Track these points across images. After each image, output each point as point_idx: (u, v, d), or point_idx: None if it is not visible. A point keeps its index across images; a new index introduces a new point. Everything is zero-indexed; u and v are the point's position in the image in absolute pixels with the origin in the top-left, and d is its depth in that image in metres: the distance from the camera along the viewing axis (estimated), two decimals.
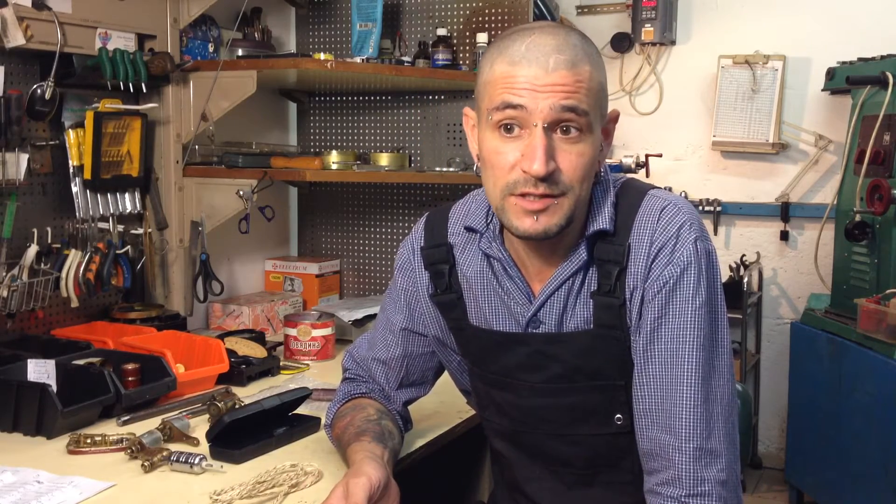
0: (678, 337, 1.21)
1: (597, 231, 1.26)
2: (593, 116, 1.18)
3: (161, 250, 2.39)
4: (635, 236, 1.25)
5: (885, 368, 2.55)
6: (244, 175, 2.37)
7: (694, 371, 1.20)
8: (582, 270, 1.28)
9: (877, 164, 2.71)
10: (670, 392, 1.20)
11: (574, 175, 1.18)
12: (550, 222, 1.19)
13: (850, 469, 2.76)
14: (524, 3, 2.68)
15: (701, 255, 1.23)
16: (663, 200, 1.26)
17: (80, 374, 1.75)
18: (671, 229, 1.23)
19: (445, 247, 1.39)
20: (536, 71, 1.15)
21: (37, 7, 1.97)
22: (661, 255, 1.22)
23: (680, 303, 1.21)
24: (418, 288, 1.44)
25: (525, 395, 1.32)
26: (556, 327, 1.29)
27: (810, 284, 3.49)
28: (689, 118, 3.72)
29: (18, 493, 1.34)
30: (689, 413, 1.19)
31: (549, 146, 1.16)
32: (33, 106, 2.02)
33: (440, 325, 1.44)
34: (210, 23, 2.59)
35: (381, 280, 2.95)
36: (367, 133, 2.95)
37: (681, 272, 1.21)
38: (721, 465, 1.19)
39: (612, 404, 1.28)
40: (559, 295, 1.29)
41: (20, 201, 2.04)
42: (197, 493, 1.37)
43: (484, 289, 1.35)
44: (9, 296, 1.96)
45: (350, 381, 1.52)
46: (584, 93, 1.16)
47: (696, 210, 1.27)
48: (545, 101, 1.15)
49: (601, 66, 1.22)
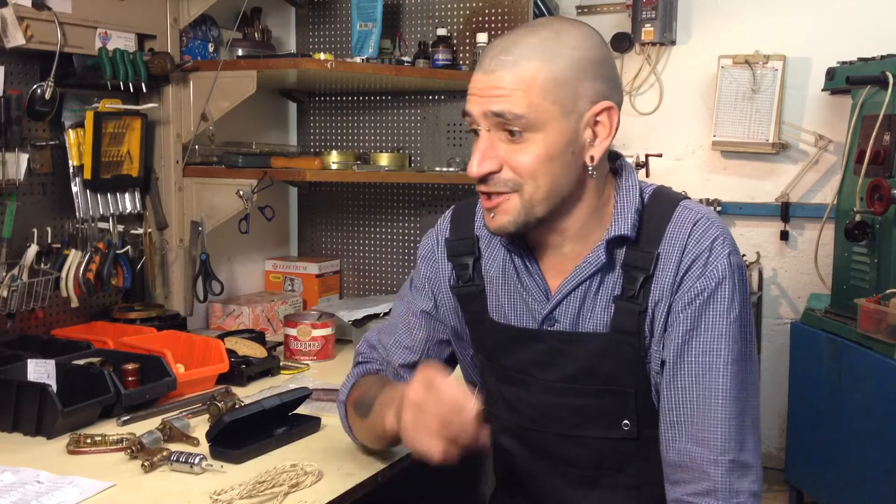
0: (712, 350, 1.23)
1: (617, 236, 1.28)
2: (537, 115, 1.19)
3: (161, 250, 2.39)
4: (666, 246, 1.26)
5: (885, 368, 2.54)
6: (244, 175, 2.37)
7: (728, 385, 1.22)
8: (601, 273, 1.29)
9: (877, 164, 2.71)
10: (703, 405, 1.22)
11: (520, 172, 1.22)
12: (504, 219, 1.25)
13: (850, 469, 2.75)
14: (524, 3, 2.68)
15: (734, 269, 1.25)
16: (696, 213, 1.28)
17: (80, 374, 1.75)
18: (705, 242, 1.25)
19: (472, 239, 1.43)
20: (481, 75, 1.23)
21: (37, 7, 1.97)
22: (693, 268, 1.24)
23: (714, 316, 1.23)
24: (440, 278, 1.46)
25: (536, 392, 1.33)
26: (571, 326, 1.31)
27: (810, 284, 3.49)
28: (689, 118, 3.72)
29: (18, 493, 1.34)
30: (724, 426, 1.21)
31: (490, 148, 1.22)
32: (33, 106, 2.02)
33: (459, 317, 1.46)
34: (210, 23, 2.59)
35: (381, 280, 2.95)
36: (367, 133, 2.95)
37: (715, 286, 1.23)
38: (753, 476, 1.22)
39: (622, 410, 1.29)
40: (576, 295, 1.30)
41: (20, 201, 2.04)
42: (197, 493, 1.37)
43: (505, 283, 1.38)
44: (9, 296, 1.96)
45: (363, 364, 1.53)
46: (520, 94, 1.19)
47: (725, 224, 1.30)
48: (481, 106, 1.22)
49: (568, 60, 1.21)
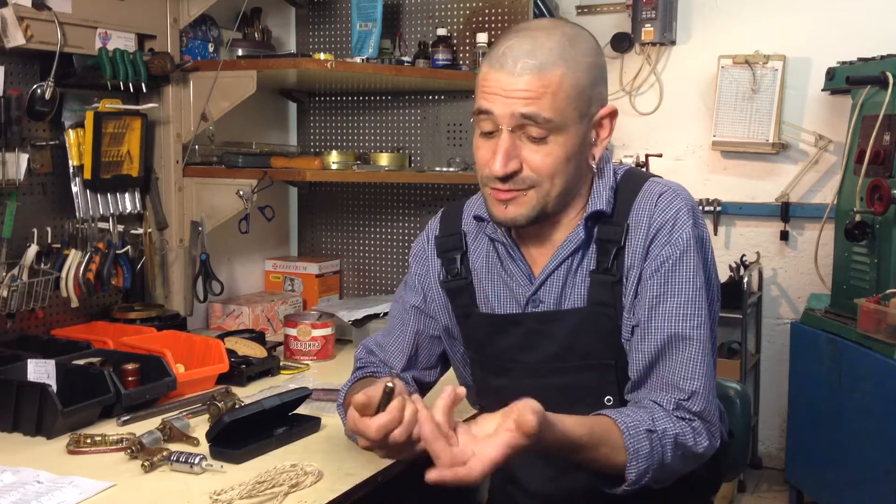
0: (680, 315, 1.29)
1: (595, 212, 1.34)
2: (562, 119, 1.26)
3: (161, 250, 2.39)
4: (634, 217, 1.33)
5: (885, 368, 2.55)
6: (244, 175, 2.37)
7: (699, 346, 1.29)
8: (581, 249, 1.35)
9: (877, 164, 2.71)
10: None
11: (541, 172, 1.27)
12: (518, 212, 1.30)
13: (850, 469, 2.75)
14: (524, 3, 2.68)
15: (701, 238, 1.32)
16: (662, 186, 1.35)
17: (80, 374, 1.75)
18: (669, 211, 1.31)
19: (459, 234, 1.48)
20: (505, 76, 1.25)
21: (37, 7, 1.97)
22: (659, 235, 1.31)
23: (682, 282, 1.29)
24: (430, 274, 1.51)
25: (520, 375, 1.37)
26: (555, 305, 1.36)
27: (810, 284, 3.49)
28: (688, 118, 3.72)
29: (18, 493, 1.34)
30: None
31: (512, 148, 1.26)
32: (33, 106, 2.02)
33: (449, 313, 1.49)
34: (210, 23, 2.59)
35: (381, 280, 2.95)
36: (367, 133, 2.95)
37: (680, 254, 1.29)
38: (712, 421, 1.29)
39: (603, 384, 1.34)
40: (558, 274, 1.36)
41: (20, 201, 2.04)
42: (197, 493, 1.38)
43: (489, 272, 1.42)
44: (9, 296, 1.96)
45: (360, 369, 1.56)
46: (548, 98, 1.24)
47: (692, 197, 1.36)
48: (508, 107, 1.25)
49: (585, 67, 1.28)
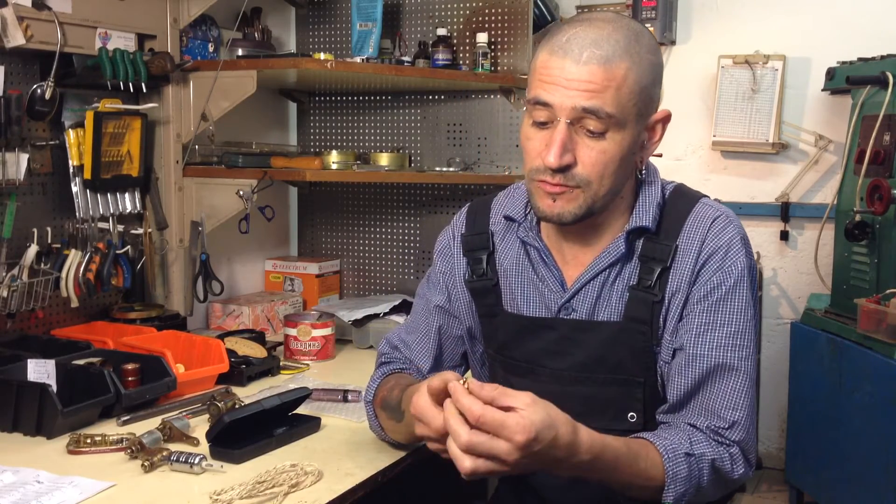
0: (728, 346, 1.28)
1: (638, 227, 1.31)
2: (623, 115, 1.22)
3: (161, 250, 2.39)
4: (684, 239, 1.30)
5: (885, 368, 2.54)
6: (244, 175, 2.37)
7: (745, 377, 1.29)
8: (619, 263, 1.32)
9: (877, 164, 2.71)
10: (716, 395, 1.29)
11: (592, 170, 1.23)
12: (565, 209, 1.26)
13: (850, 469, 2.75)
14: (524, 3, 2.68)
15: (752, 269, 1.32)
16: (716, 210, 1.34)
17: (80, 374, 1.75)
18: (723, 238, 1.30)
19: (486, 234, 1.45)
20: (569, 63, 1.21)
21: (37, 7, 1.97)
22: (711, 261, 1.29)
23: (733, 313, 1.28)
24: (455, 272, 1.49)
25: (545, 381, 1.35)
26: (587, 315, 1.34)
27: (810, 284, 3.49)
28: (689, 118, 3.71)
29: (18, 493, 1.34)
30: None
31: (569, 141, 1.22)
32: (33, 106, 2.02)
33: (472, 313, 1.47)
34: (210, 23, 2.59)
35: (381, 280, 2.95)
36: (367, 133, 2.95)
37: (734, 283, 1.28)
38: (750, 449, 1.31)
39: (628, 401, 1.32)
40: (594, 284, 1.33)
41: (20, 201, 2.04)
42: (197, 493, 1.37)
43: (519, 275, 1.40)
44: (9, 296, 1.96)
45: (386, 364, 1.55)
46: (611, 92, 1.20)
47: (741, 223, 1.36)
48: (570, 99, 1.20)
49: (648, 65, 1.24)
